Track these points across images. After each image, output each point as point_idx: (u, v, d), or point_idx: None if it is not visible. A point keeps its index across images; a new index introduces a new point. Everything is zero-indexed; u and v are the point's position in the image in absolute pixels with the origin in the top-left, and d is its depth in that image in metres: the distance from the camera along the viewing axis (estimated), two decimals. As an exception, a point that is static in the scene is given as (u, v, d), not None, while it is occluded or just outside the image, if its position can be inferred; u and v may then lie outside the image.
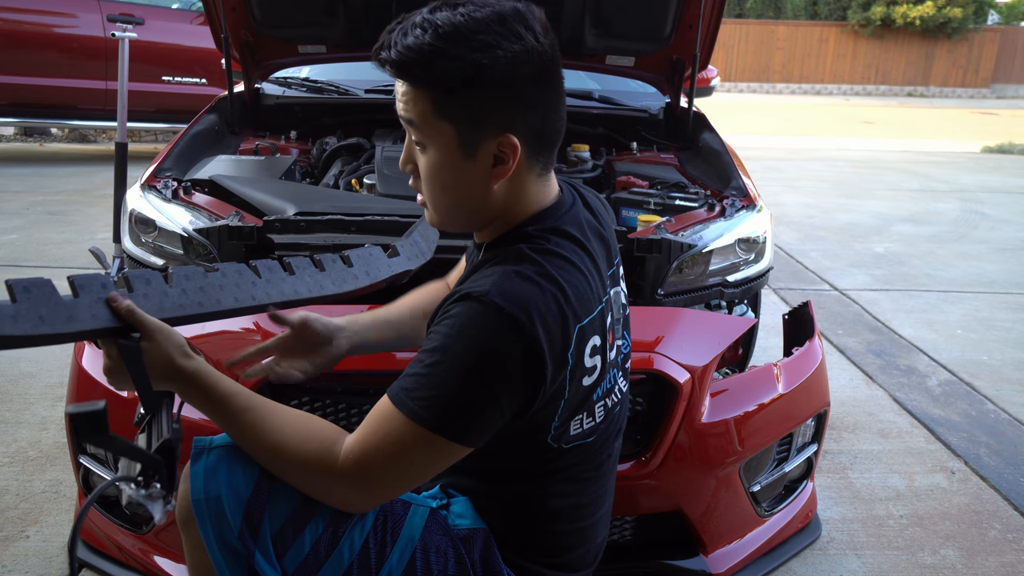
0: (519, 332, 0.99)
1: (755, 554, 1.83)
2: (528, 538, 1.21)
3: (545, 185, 1.13)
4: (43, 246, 4.60)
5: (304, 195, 2.16)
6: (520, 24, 1.01)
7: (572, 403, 1.11)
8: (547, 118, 1.07)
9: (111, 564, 1.77)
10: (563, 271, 1.06)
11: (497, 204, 1.10)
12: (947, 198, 7.30)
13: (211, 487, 1.09)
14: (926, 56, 21.99)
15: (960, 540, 2.19)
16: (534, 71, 1.02)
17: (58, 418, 2.60)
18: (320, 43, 2.84)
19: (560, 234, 1.10)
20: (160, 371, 1.07)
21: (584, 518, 1.24)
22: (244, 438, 1.09)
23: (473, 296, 1.02)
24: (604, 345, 1.13)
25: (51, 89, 6.59)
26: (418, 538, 1.16)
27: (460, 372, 1.00)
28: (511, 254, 1.08)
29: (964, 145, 11.52)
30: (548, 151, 1.10)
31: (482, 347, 1.00)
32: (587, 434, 1.16)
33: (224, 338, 1.66)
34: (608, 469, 1.26)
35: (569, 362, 1.06)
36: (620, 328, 1.23)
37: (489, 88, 1.01)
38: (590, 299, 1.09)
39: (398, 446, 1.03)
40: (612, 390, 1.20)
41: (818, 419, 1.93)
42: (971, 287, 4.58)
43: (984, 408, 3.00)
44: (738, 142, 4.22)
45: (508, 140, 1.04)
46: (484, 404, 1.02)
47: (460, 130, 1.04)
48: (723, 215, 2.15)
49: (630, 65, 2.88)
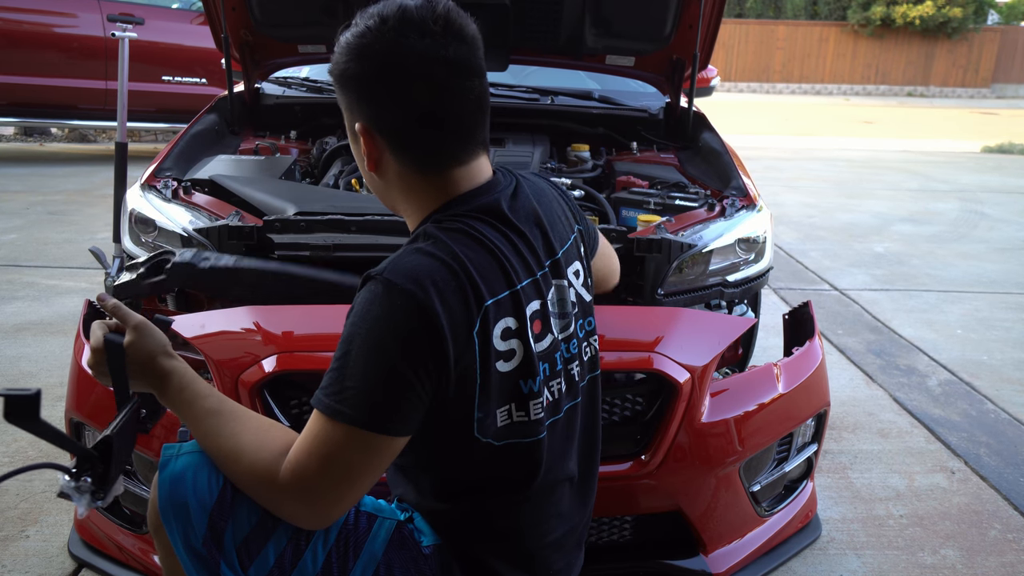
0: (415, 306, 0.99)
1: (755, 554, 1.84)
2: (474, 553, 1.19)
3: (454, 174, 1.12)
4: (43, 246, 4.60)
5: (304, 195, 2.16)
6: (377, 21, 1.04)
7: (492, 390, 1.07)
8: (405, 110, 1.07)
9: (111, 564, 1.77)
10: (465, 247, 1.06)
11: (394, 190, 1.15)
12: (947, 198, 7.30)
13: (177, 494, 1.08)
14: (926, 56, 21.99)
15: (960, 540, 2.19)
16: (374, 68, 1.05)
17: (58, 418, 2.58)
18: (320, 43, 2.83)
19: (471, 216, 1.10)
20: (140, 366, 1.09)
21: (534, 537, 1.20)
22: (208, 442, 1.09)
23: (371, 277, 1.04)
24: (523, 330, 1.09)
25: (51, 89, 6.59)
26: (381, 554, 1.14)
27: (368, 359, 1.00)
28: (415, 236, 1.10)
29: (964, 145, 11.52)
30: (432, 143, 1.09)
31: (382, 328, 1.00)
32: (520, 431, 1.11)
33: (224, 338, 1.66)
34: (562, 494, 1.22)
35: (475, 341, 1.04)
36: (571, 323, 1.19)
37: (342, 85, 1.10)
38: (498, 279, 1.07)
39: (327, 449, 1.01)
40: (557, 391, 1.15)
41: (818, 419, 1.93)
42: (971, 287, 4.58)
43: (984, 408, 3.00)
44: (738, 142, 4.22)
45: (364, 129, 1.10)
46: (398, 388, 1.00)
47: (346, 119, 1.14)
48: (723, 215, 2.15)
49: (630, 65, 2.87)
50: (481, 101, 1.10)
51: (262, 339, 1.62)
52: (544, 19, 2.72)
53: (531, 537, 1.20)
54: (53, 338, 3.26)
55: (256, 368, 1.56)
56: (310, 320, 1.70)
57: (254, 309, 1.72)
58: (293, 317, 1.71)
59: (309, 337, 1.66)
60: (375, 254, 1.82)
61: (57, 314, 3.54)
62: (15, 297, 3.75)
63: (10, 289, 3.85)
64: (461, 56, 1.04)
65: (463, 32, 1.05)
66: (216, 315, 1.74)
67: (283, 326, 1.67)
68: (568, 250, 1.22)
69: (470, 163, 1.13)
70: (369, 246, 1.85)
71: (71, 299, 3.73)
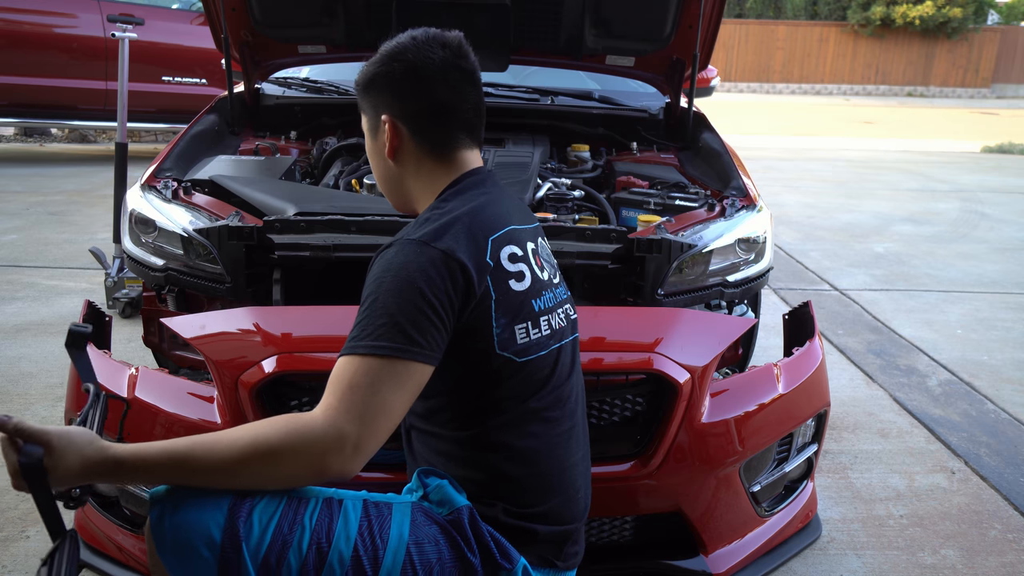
0: (433, 247, 1.18)
1: (755, 554, 1.83)
2: (505, 483, 1.25)
3: (459, 156, 1.33)
4: (43, 246, 4.61)
5: (304, 195, 2.16)
6: (409, 37, 1.31)
7: (507, 307, 1.23)
8: (421, 104, 1.30)
9: (111, 564, 1.77)
10: (466, 199, 1.28)
11: (409, 175, 1.34)
12: (947, 198, 7.30)
13: (179, 538, 1.07)
14: (926, 56, 22.00)
15: (960, 540, 2.19)
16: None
17: (58, 418, 2.60)
18: (320, 43, 2.83)
19: (469, 185, 1.32)
20: (77, 473, 1.04)
21: (555, 461, 1.29)
22: (210, 471, 1.07)
23: (387, 246, 1.22)
24: (527, 257, 1.30)
25: (51, 89, 6.59)
26: (408, 534, 1.16)
27: (397, 295, 1.14)
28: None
29: (964, 145, 11.53)
30: (443, 129, 1.32)
31: (406, 267, 1.16)
32: (536, 345, 1.26)
33: (224, 339, 1.66)
34: (570, 412, 1.33)
35: (489, 265, 1.22)
36: (556, 275, 1.38)
37: (371, 85, 1.34)
38: (497, 219, 1.28)
39: (365, 386, 1.09)
40: (559, 319, 1.33)
41: (818, 419, 1.93)
42: (971, 287, 4.58)
43: (984, 408, 3.00)
44: (738, 142, 4.22)
45: (389, 120, 1.31)
46: (427, 317, 1.13)
47: (367, 120, 1.37)
48: (723, 215, 2.15)
49: (630, 65, 2.87)
50: (479, 106, 1.36)
51: (262, 340, 1.62)
52: (544, 20, 2.72)
53: (553, 456, 1.30)
54: (53, 338, 3.26)
55: (256, 369, 1.56)
56: (310, 321, 1.70)
57: (254, 310, 1.72)
58: (293, 318, 1.71)
59: (309, 338, 1.66)
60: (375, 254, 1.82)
61: (57, 314, 3.54)
62: (15, 297, 3.75)
63: (10, 289, 3.85)
64: (468, 69, 1.33)
65: (469, 55, 1.34)
66: (216, 316, 1.74)
67: (283, 327, 1.67)
68: (539, 227, 1.43)
69: (471, 149, 1.36)
70: (369, 246, 1.85)
71: (71, 299, 3.73)
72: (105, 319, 1.96)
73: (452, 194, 1.31)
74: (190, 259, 2.01)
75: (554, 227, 1.91)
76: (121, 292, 3.51)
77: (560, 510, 1.30)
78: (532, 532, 1.26)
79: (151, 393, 1.65)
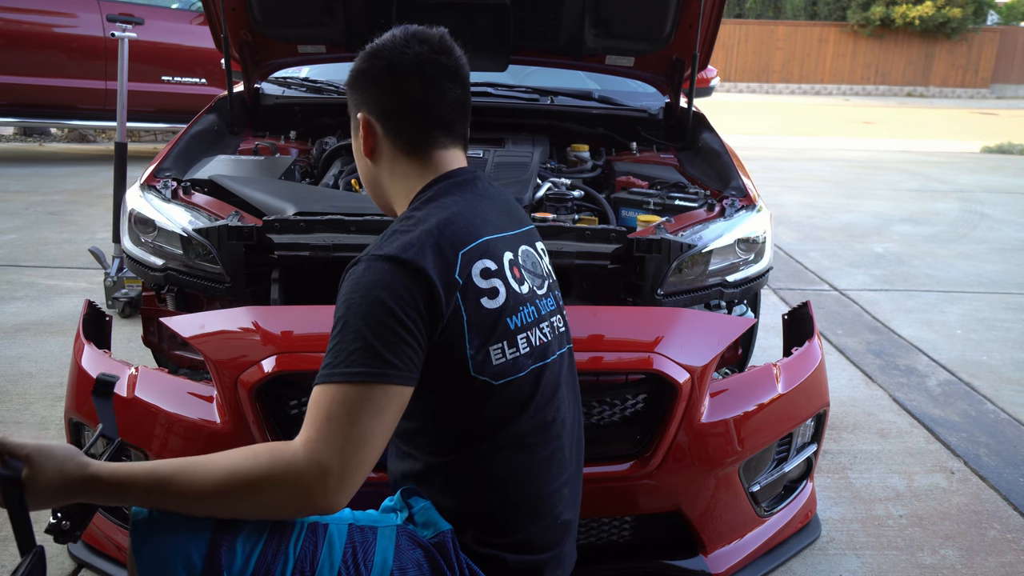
0: (400, 264, 1.12)
1: (755, 554, 1.84)
2: (480, 511, 1.23)
3: (435, 156, 1.29)
4: (43, 246, 4.60)
5: (304, 195, 2.16)
6: (389, 35, 1.29)
7: (479, 327, 1.17)
8: (398, 101, 1.27)
9: (111, 564, 1.77)
10: (438, 207, 1.22)
11: (384, 174, 1.32)
12: (946, 198, 7.30)
13: (159, 560, 1.06)
14: (926, 56, 22.00)
15: (960, 540, 2.19)
16: None
17: (57, 418, 2.59)
18: (320, 43, 2.83)
19: (445, 189, 1.26)
20: (57, 488, 1.03)
21: (534, 489, 1.25)
22: (190, 498, 1.05)
23: (355, 261, 1.17)
24: (502, 271, 1.23)
25: (51, 89, 6.59)
26: (392, 560, 1.14)
27: (367, 318, 1.09)
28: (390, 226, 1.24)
29: (963, 145, 11.53)
30: (418, 127, 1.28)
31: (376, 288, 1.11)
32: (512, 367, 1.21)
33: (223, 338, 1.66)
34: (554, 435, 1.28)
35: (458, 282, 1.16)
36: (544, 285, 1.33)
37: (353, 83, 1.32)
38: (471, 228, 1.22)
39: (343, 415, 1.04)
40: (543, 335, 1.27)
41: (818, 419, 1.93)
42: (971, 287, 4.58)
43: (984, 408, 3.00)
44: (738, 142, 4.22)
45: (364, 118, 1.30)
46: (397, 332, 1.09)
47: (352, 119, 1.35)
48: (723, 215, 2.15)
49: (630, 65, 2.87)
50: (461, 103, 1.31)
51: (261, 339, 1.62)
52: (544, 19, 2.72)
53: (531, 486, 1.25)
54: (53, 338, 3.26)
55: (255, 368, 1.56)
56: (309, 321, 1.70)
57: (253, 309, 1.72)
58: (292, 318, 1.71)
59: (308, 337, 1.66)
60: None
61: (57, 314, 3.54)
62: (15, 297, 3.75)
63: (10, 289, 3.85)
64: (448, 64, 1.28)
65: (452, 50, 1.29)
66: (215, 315, 1.74)
67: (282, 327, 1.67)
68: (531, 231, 1.39)
69: (449, 149, 1.31)
70: (369, 246, 1.85)
71: (71, 299, 3.73)
72: (105, 319, 1.96)
73: (424, 201, 1.25)
74: (189, 259, 2.01)
75: (554, 227, 1.91)
76: (120, 292, 3.51)
77: (536, 539, 1.26)
78: (502, 560, 1.22)
79: (151, 393, 1.65)
